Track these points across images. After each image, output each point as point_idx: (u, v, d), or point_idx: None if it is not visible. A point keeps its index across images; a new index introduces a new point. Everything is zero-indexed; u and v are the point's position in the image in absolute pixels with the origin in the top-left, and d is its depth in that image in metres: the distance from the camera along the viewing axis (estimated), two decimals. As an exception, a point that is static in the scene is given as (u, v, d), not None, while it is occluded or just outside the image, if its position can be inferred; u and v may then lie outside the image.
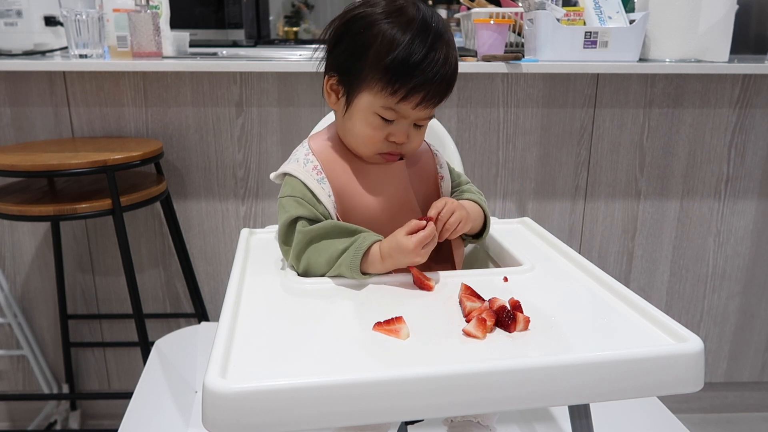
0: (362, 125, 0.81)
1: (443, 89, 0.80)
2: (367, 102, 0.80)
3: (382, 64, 0.77)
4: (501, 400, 0.59)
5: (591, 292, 0.77)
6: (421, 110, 0.80)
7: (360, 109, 0.81)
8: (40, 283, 1.72)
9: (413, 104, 0.78)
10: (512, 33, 1.73)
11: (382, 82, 0.77)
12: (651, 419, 1.22)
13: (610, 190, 1.71)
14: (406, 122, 0.81)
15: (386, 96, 0.78)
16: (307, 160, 0.85)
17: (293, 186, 0.84)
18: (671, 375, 0.61)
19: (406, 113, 0.80)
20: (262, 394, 0.54)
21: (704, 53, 1.59)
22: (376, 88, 0.78)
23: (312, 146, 0.87)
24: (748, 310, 1.84)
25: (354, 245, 0.78)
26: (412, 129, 0.83)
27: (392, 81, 0.77)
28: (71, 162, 1.29)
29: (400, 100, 0.78)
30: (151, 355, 1.36)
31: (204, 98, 1.59)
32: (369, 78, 0.79)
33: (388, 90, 0.77)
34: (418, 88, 0.77)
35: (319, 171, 0.84)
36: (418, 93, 0.77)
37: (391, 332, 0.64)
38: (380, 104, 0.79)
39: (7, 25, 1.56)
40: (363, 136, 0.82)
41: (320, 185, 0.83)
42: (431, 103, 0.80)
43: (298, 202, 0.82)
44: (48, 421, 1.78)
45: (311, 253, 0.80)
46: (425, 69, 0.76)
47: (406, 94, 0.77)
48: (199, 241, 1.69)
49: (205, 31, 3.34)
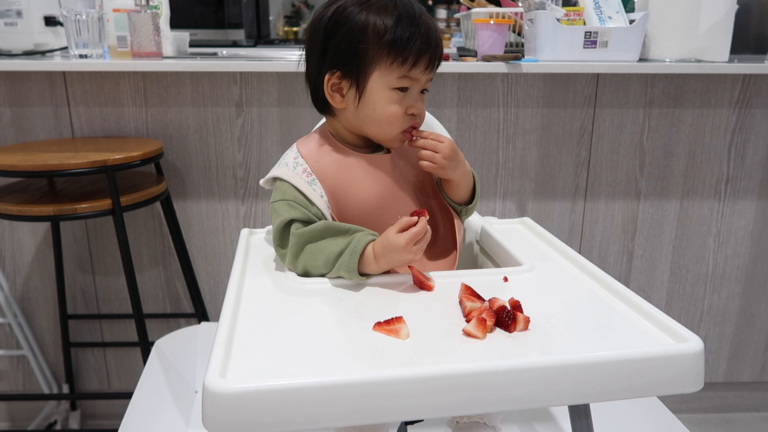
0: (383, 104, 0.83)
1: (440, 50, 0.85)
2: (381, 80, 0.82)
3: (385, 40, 0.80)
4: (501, 400, 0.59)
5: (591, 292, 0.77)
6: (429, 73, 0.84)
7: (376, 90, 0.83)
8: (40, 283, 1.72)
9: (423, 68, 0.82)
10: (512, 33, 1.73)
11: (391, 55, 0.81)
12: (651, 419, 1.22)
13: (610, 190, 1.71)
14: (416, 90, 0.84)
15: (399, 66, 0.81)
16: (296, 164, 0.86)
17: (284, 190, 0.84)
18: (671, 375, 0.61)
19: (418, 78, 0.83)
20: (262, 394, 0.54)
21: (704, 53, 1.59)
22: (387, 63, 0.81)
23: (300, 149, 0.88)
24: (748, 310, 1.84)
25: (349, 248, 0.78)
26: (419, 97, 0.86)
27: (401, 51, 0.80)
28: (71, 162, 1.29)
29: (413, 66, 0.81)
30: (151, 355, 1.36)
31: (204, 98, 1.59)
32: (376, 57, 0.81)
33: (399, 60, 0.81)
34: (423, 51, 0.81)
35: (309, 173, 0.85)
36: (425, 55, 0.82)
37: (391, 332, 0.64)
38: (396, 76, 0.82)
39: (7, 25, 1.56)
40: (387, 116, 0.83)
41: (311, 187, 0.84)
42: (437, 63, 0.84)
43: (290, 205, 0.83)
44: (48, 421, 1.78)
45: (307, 256, 0.80)
46: (423, 33, 0.81)
47: (416, 59, 0.81)
48: (199, 241, 1.69)
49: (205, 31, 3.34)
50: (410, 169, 0.92)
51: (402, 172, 0.90)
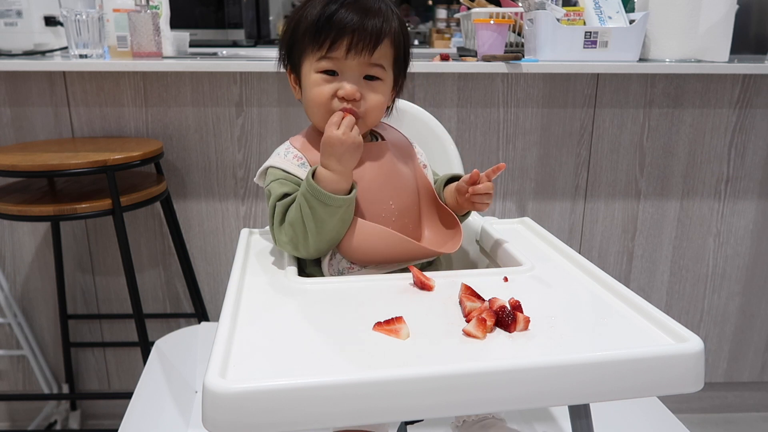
0: (310, 89, 0.84)
1: (370, 31, 0.81)
2: (307, 67, 0.84)
3: (307, 30, 0.82)
4: (501, 400, 0.59)
5: (591, 292, 0.77)
6: (355, 56, 0.81)
7: (305, 75, 0.85)
8: (40, 283, 1.72)
9: (343, 51, 0.81)
10: (512, 33, 1.73)
11: (311, 43, 0.82)
12: (651, 419, 1.22)
13: (610, 190, 1.71)
14: (351, 74, 0.83)
15: (317, 50, 0.82)
16: (287, 152, 0.89)
17: (275, 173, 0.87)
18: (671, 375, 0.61)
19: (341, 60, 0.82)
20: (262, 394, 0.54)
21: (704, 53, 1.59)
22: (309, 51, 0.83)
23: (293, 143, 0.91)
24: (748, 310, 1.84)
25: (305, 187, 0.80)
26: (363, 84, 0.84)
27: (316, 37, 0.81)
28: (71, 162, 1.29)
29: (329, 49, 0.81)
30: (151, 355, 1.36)
31: (204, 98, 1.59)
32: (303, 48, 0.84)
33: (316, 45, 0.82)
34: (341, 34, 0.81)
35: (300, 157, 0.87)
36: (342, 38, 0.81)
37: (391, 332, 0.64)
38: (316, 59, 0.83)
39: (7, 25, 1.56)
40: (313, 99, 0.84)
41: (302, 169, 0.86)
42: (361, 47, 0.81)
43: (281, 183, 0.85)
44: (48, 421, 1.78)
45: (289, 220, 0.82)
46: (343, 16, 0.81)
47: (332, 42, 0.81)
48: (199, 241, 1.69)
49: (205, 31, 3.34)
50: (403, 158, 0.92)
51: (394, 160, 0.90)
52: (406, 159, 0.93)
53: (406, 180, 0.91)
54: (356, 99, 0.83)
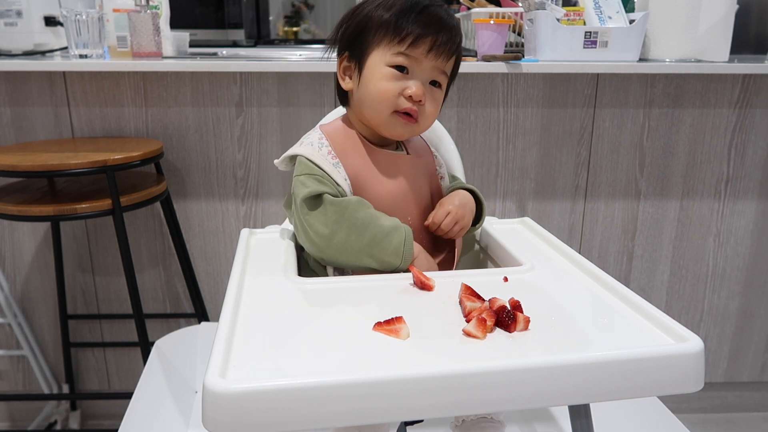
0: (376, 81, 0.81)
1: (450, 39, 0.81)
2: (377, 58, 0.81)
3: (386, 19, 0.80)
4: (501, 400, 0.59)
5: (591, 292, 0.77)
6: (434, 59, 0.80)
7: (372, 67, 0.82)
8: (40, 283, 1.72)
9: (424, 50, 0.79)
10: (512, 33, 1.73)
11: (389, 34, 0.80)
12: (651, 419, 1.22)
13: (610, 190, 1.71)
14: (421, 74, 0.81)
15: (395, 44, 0.80)
16: (321, 144, 0.85)
17: (310, 166, 0.83)
18: (671, 375, 0.61)
19: (419, 59, 0.80)
20: (262, 394, 0.54)
21: (704, 53, 1.59)
22: (384, 42, 0.80)
23: (325, 131, 0.87)
24: (748, 310, 1.84)
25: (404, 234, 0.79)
26: (428, 88, 0.83)
27: (399, 28, 0.79)
28: (71, 162, 1.29)
29: (410, 45, 0.79)
30: (151, 355, 1.36)
31: (204, 98, 1.59)
32: (376, 36, 0.81)
33: (396, 39, 0.79)
34: (425, 33, 0.79)
35: (334, 155, 0.84)
36: (426, 37, 0.79)
37: (391, 332, 0.64)
38: (392, 53, 0.80)
39: (7, 25, 1.56)
40: (378, 92, 0.81)
41: (336, 169, 0.83)
42: (442, 51, 0.80)
43: (318, 180, 0.81)
44: (48, 421, 1.78)
45: (348, 227, 0.79)
46: (430, 15, 0.79)
47: (415, 39, 0.79)
48: (199, 241, 1.69)
49: (205, 31, 3.34)
50: (424, 172, 0.92)
51: (417, 174, 0.90)
52: (426, 172, 0.92)
53: (424, 195, 0.90)
54: (422, 102, 0.82)
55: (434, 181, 0.94)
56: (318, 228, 0.80)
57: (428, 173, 0.93)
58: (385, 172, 0.85)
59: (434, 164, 0.95)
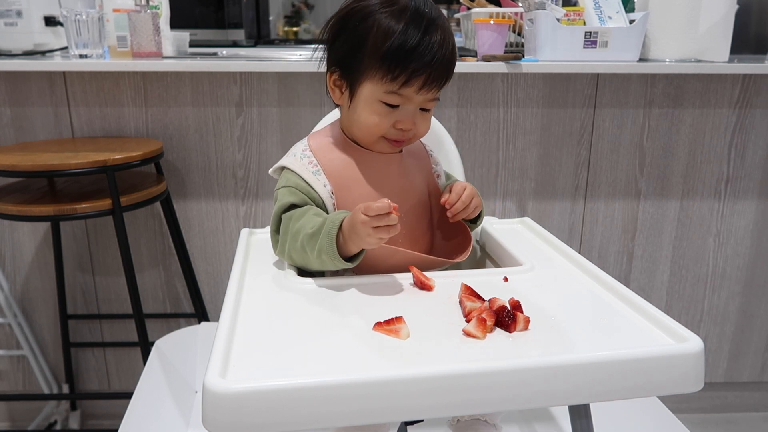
0: (368, 114, 0.82)
1: (443, 71, 0.81)
2: (370, 91, 0.81)
3: (379, 52, 0.78)
4: (501, 400, 0.59)
5: (591, 292, 0.77)
6: (425, 93, 0.81)
7: (364, 98, 0.82)
8: (40, 283, 1.72)
9: (416, 88, 0.79)
10: (512, 33, 1.73)
11: (382, 70, 0.79)
12: (651, 419, 1.22)
13: (610, 190, 1.71)
14: (411, 107, 0.82)
15: (388, 82, 0.79)
16: (303, 155, 0.87)
17: (288, 177, 0.86)
18: (671, 375, 0.61)
19: (410, 97, 0.81)
20: (262, 394, 0.54)
21: (704, 53, 1.59)
22: (377, 77, 0.80)
23: (310, 143, 0.89)
24: (748, 310, 1.84)
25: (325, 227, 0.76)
26: (418, 114, 0.83)
27: (392, 68, 0.78)
28: (71, 162, 1.29)
29: (402, 85, 0.79)
30: (151, 355, 1.36)
31: (204, 98, 1.59)
32: (369, 68, 0.80)
33: (389, 77, 0.79)
34: (418, 72, 0.78)
35: (315, 164, 0.86)
36: (419, 76, 0.79)
37: (391, 332, 0.64)
38: (383, 90, 0.80)
39: (7, 25, 1.56)
40: (369, 125, 0.83)
41: (315, 177, 0.85)
42: (434, 85, 0.80)
43: (290, 191, 0.84)
44: (48, 421, 1.78)
45: (290, 239, 0.81)
46: (423, 53, 0.78)
47: (408, 79, 0.78)
48: (199, 241, 1.69)
49: (205, 31, 3.34)
50: (418, 171, 0.92)
51: (409, 173, 0.90)
52: (420, 170, 0.92)
53: (418, 192, 0.90)
54: (411, 130, 0.83)
55: (431, 180, 0.93)
56: (275, 245, 0.84)
57: (423, 171, 0.93)
58: (371, 172, 0.86)
59: (429, 162, 0.95)
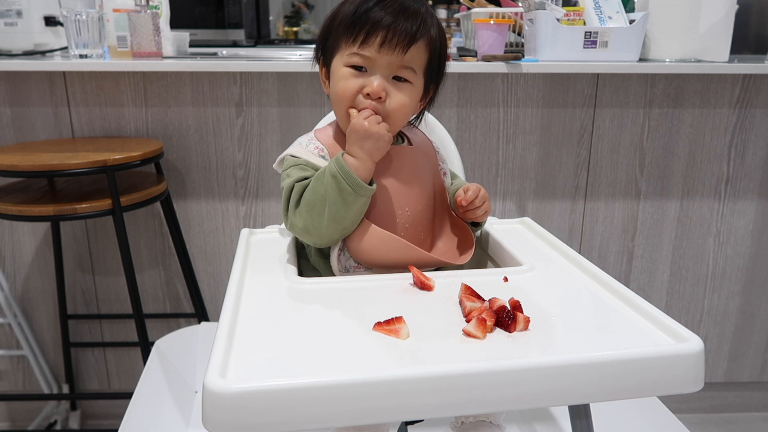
0: (335, 82, 0.84)
1: (405, 30, 0.80)
2: (338, 60, 0.83)
3: (342, 23, 0.82)
4: (501, 400, 0.59)
5: (591, 292, 0.77)
6: (388, 54, 0.80)
7: (334, 70, 0.84)
8: (40, 283, 1.72)
9: (377, 46, 0.80)
10: (512, 33, 1.73)
11: (344, 36, 0.82)
12: (651, 419, 1.22)
13: (610, 190, 1.71)
14: (379, 73, 0.81)
15: (350, 44, 0.81)
16: (309, 143, 0.88)
17: (294, 160, 0.86)
18: (671, 375, 0.61)
19: (373, 58, 0.80)
20: (262, 394, 0.54)
21: (704, 53, 1.59)
22: (342, 42, 0.82)
23: (318, 135, 0.90)
24: (748, 310, 1.84)
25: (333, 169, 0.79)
26: (390, 84, 0.82)
27: (351, 30, 0.81)
28: (71, 162, 1.29)
29: (361, 44, 0.80)
30: (151, 355, 1.36)
31: (204, 98, 1.59)
32: (336, 42, 0.83)
33: (350, 40, 0.81)
34: (375, 28, 0.79)
35: (322, 150, 0.86)
36: (376, 32, 0.79)
37: (391, 332, 0.64)
38: (347, 53, 0.82)
39: (7, 25, 1.56)
40: (337, 93, 0.83)
41: (322, 160, 0.85)
42: (395, 43, 0.80)
43: (300, 168, 0.84)
44: (48, 421, 1.78)
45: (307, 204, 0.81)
46: (379, 12, 0.80)
47: (366, 36, 0.80)
48: (199, 241, 1.69)
49: (205, 31, 3.34)
50: (427, 166, 0.92)
51: (418, 167, 0.90)
52: (428, 166, 0.92)
53: (424, 187, 0.90)
54: (381, 98, 0.81)
55: (437, 177, 0.93)
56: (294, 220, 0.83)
57: (431, 167, 0.93)
58: (379, 167, 0.84)
59: (437, 159, 0.95)
